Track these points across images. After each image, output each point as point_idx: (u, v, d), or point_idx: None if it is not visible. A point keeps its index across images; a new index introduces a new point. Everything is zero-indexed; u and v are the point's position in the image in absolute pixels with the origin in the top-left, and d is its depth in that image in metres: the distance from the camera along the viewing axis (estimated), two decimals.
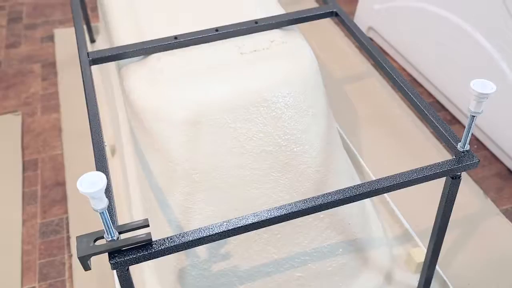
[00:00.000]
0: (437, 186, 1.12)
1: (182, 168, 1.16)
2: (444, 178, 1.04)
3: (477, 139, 1.77)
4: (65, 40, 2.25)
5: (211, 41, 1.29)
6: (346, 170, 1.38)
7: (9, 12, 2.46)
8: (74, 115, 1.86)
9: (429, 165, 0.99)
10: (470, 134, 0.97)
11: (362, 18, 2.21)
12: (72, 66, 2.09)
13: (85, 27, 2.19)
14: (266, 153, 1.20)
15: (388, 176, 0.97)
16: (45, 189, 1.61)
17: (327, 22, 2.30)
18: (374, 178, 1.54)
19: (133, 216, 1.32)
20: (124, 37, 1.34)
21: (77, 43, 1.26)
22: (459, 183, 1.03)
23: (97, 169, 0.94)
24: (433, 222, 1.13)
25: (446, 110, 1.88)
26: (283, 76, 1.23)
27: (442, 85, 1.85)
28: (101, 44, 1.98)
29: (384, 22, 2.10)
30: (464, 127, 1.78)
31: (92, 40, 2.18)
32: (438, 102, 1.91)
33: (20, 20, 2.40)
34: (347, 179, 1.35)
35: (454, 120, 1.84)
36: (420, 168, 0.99)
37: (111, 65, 1.55)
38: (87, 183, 0.71)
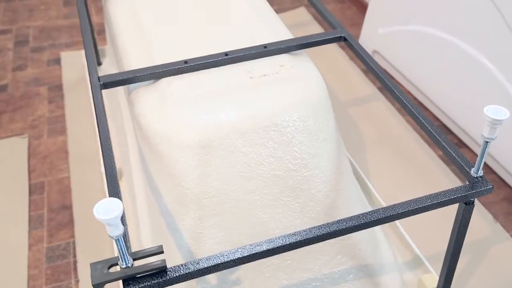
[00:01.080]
0: (446, 210, 1.11)
1: (193, 192, 1.15)
2: (456, 204, 1.03)
3: (485, 163, 1.77)
4: (71, 63, 2.26)
5: (221, 65, 1.29)
6: (355, 194, 1.38)
7: (16, 35, 2.48)
8: (80, 138, 1.86)
9: (443, 191, 0.98)
10: (483, 160, 0.97)
11: (367, 42, 2.23)
12: (79, 89, 2.10)
13: None
14: (276, 178, 1.20)
15: (402, 203, 0.96)
16: (51, 212, 1.60)
17: (331, 45, 2.31)
18: (382, 202, 1.54)
19: (142, 241, 1.31)
20: (134, 61, 1.35)
21: (88, 68, 1.26)
22: (473, 208, 1.03)
23: (110, 195, 0.94)
24: (444, 248, 1.12)
25: (453, 133, 1.88)
26: (293, 100, 1.23)
27: (448, 108, 1.86)
28: (107, 67, 1.99)
29: (388, 46, 2.12)
30: (471, 150, 1.80)
31: (99, 63, 2.19)
32: (444, 125, 1.92)
33: (27, 43, 2.42)
34: (357, 204, 1.35)
35: (461, 144, 1.84)
36: (434, 194, 0.98)
37: (120, 88, 1.55)
38: (104, 210, 0.71)
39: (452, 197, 0.97)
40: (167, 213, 1.19)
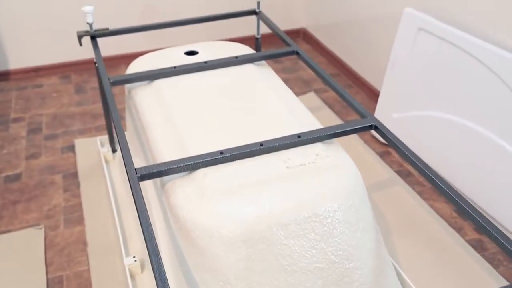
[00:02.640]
0: None
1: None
2: None
3: None
4: (86, 150, 2.26)
5: (256, 155, 1.29)
6: (395, 285, 1.33)
7: (28, 123, 2.49)
8: (99, 228, 1.81)
9: None
10: None
11: None
12: (95, 177, 2.07)
13: (107, 136, 2.22)
14: (319, 270, 1.16)
15: None
16: None
17: None
18: None
19: None
20: (166, 152, 1.34)
21: (124, 161, 1.25)
22: None
23: None
24: None
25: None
26: (332, 190, 1.22)
27: (469, 191, 1.85)
28: None
29: (403, 130, 2.14)
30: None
31: (114, 150, 2.19)
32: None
33: (40, 131, 2.42)
34: None
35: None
36: None
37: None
38: None
39: None
40: None
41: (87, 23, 1.84)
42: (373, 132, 2.32)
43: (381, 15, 2.41)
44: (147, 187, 1.55)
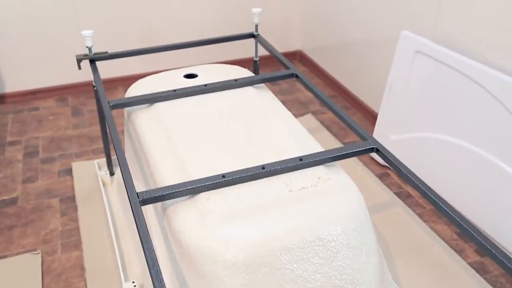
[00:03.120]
0: None
1: None
2: None
3: None
4: (83, 173, 2.24)
5: (258, 179, 1.28)
6: None
7: (25, 146, 2.47)
8: (97, 252, 1.78)
9: None
10: None
11: None
12: (92, 200, 2.05)
13: (105, 159, 2.20)
14: None
15: None
16: None
17: None
18: None
19: None
20: (167, 176, 1.33)
21: (125, 185, 1.24)
22: None
23: None
24: None
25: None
26: (335, 214, 1.21)
27: (467, 212, 1.85)
28: (121, 177, 1.97)
29: (401, 152, 2.15)
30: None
31: (112, 173, 2.17)
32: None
33: (36, 154, 2.41)
34: None
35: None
36: None
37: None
38: None
39: None
40: None
41: (86, 46, 1.84)
42: (372, 153, 2.32)
43: (378, 37, 2.44)
44: (147, 210, 1.54)
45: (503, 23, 1.71)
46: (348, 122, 1.51)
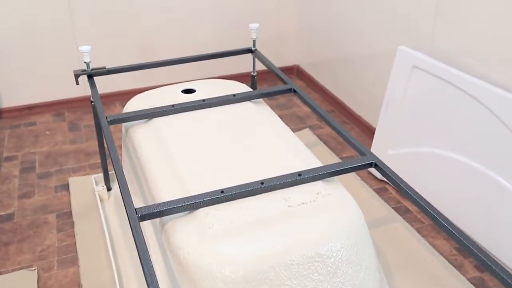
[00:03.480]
0: None
1: None
2: None
3: None
4: (80, 188, 2.23)
5: (257, 194, 1.28)
6: None
7: (21, 161, 2.46)
8: (94, 269, 1.77)
9: None
10: None
11: None
12: (89, 216, 2.04)
13: (102, 174, 2.19)
14: None
15: None
16: None
17: None
18: None
19: None
20: (165, 191, 1.33)
21: (124, 201, 1.23)
22: None
23: None
24: None
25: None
26: (334, 229, 1.21)
27: (465, 227, 1.84)
28: (118, 192, 1.96)
29: (399, 166, 2.14)
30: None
31: (109, 189, 2.16)
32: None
33: (33, 170, 2.40)
34: None
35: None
36: None
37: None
38: None
39: None
40: None
41: (84, 62, 1.84)
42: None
43: (375, 52, 2.45)
44: (145, 226, 1.53)
45: (500, 38, 1.72)
46: (346, 137, 1.51)
